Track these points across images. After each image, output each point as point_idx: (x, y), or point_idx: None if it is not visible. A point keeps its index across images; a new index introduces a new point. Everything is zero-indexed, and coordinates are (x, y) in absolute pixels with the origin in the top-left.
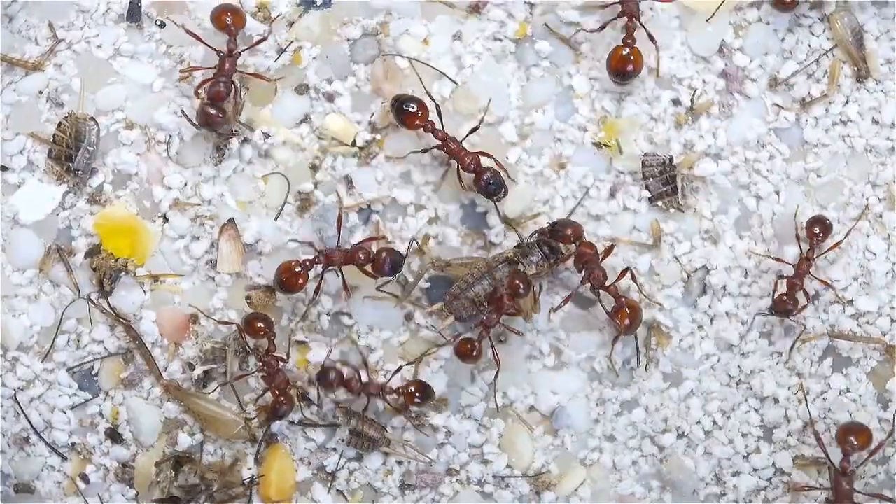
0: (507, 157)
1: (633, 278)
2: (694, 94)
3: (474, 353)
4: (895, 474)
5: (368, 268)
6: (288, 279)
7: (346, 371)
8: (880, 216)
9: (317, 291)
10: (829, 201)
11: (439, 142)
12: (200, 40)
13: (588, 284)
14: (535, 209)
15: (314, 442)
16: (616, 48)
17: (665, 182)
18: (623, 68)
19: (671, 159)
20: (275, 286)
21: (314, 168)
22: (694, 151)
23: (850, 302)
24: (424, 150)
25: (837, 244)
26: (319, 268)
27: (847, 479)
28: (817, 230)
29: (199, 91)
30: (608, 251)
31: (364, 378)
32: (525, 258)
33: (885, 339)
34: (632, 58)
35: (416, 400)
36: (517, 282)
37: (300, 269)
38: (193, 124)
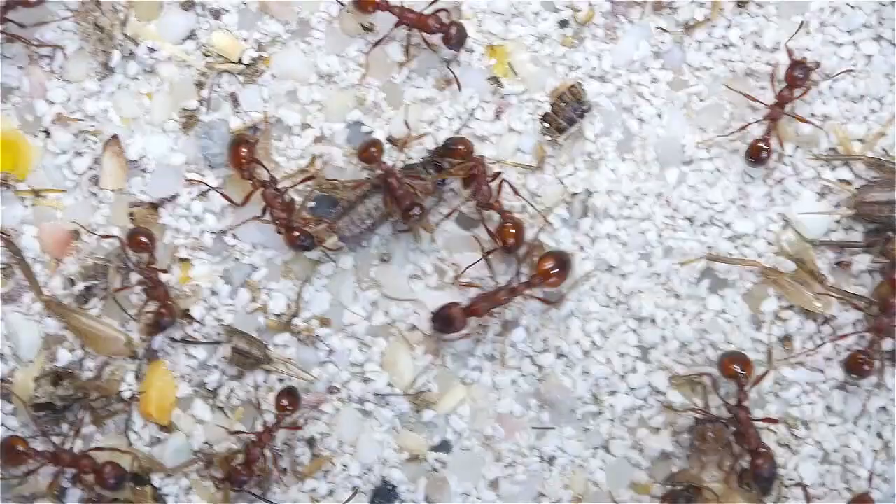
0: (393, 77)
1: (513, 189)
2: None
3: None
4: (767, 393)
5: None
6: None
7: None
8: None
9: None
10: (709, 124)
11: (397, 19)
12: None
13: (474, 202)
14: (420, 130)
15: (195, 359)
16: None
17: (570, 121)
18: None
19: (588, 109)
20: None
21: (199, 85)
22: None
23: (728, 224)
24: (385, 35)
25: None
26: None
27: (746, 410)
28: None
29: None
30: (495, 176)
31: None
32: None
33: (760, 262)
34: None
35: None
36: (410, 203)
37: None
38: None
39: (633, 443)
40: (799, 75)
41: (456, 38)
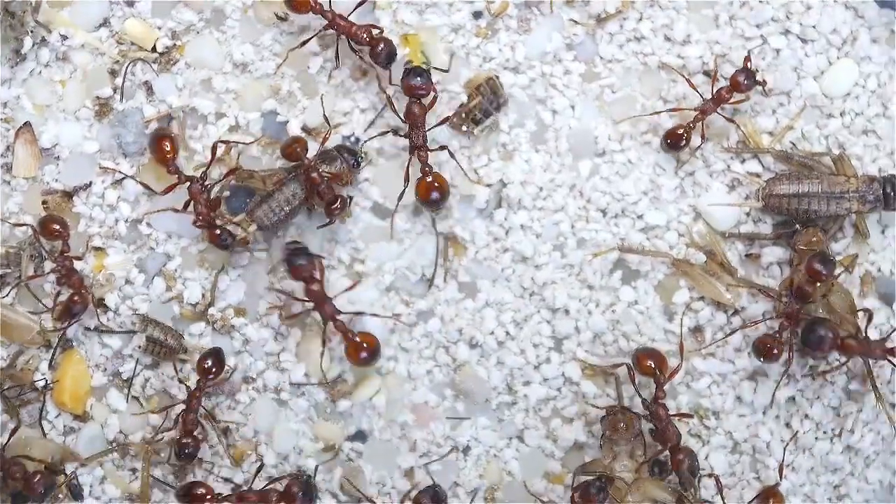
0: (308, 66)
1: (451, 155)
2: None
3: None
4: (678, 384)
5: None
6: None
7: None
8: None
9: None
10: (622, 116)
11: (327, 22)
12: None
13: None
14: (335, 120)
15: (110, 348)
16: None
17: (485, 113)
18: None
19: (505, 102)
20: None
21: (113, 73)
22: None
23: (640, 216)
24: (313, 35)
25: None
26: None
27: (664, 407)
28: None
29: None
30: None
31: None
32: (327, 166)
33: (671, 253)
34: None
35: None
36: (333, 197)
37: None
38: None
39: (547, 433)
40: (743, 81)
41: (383, 56)
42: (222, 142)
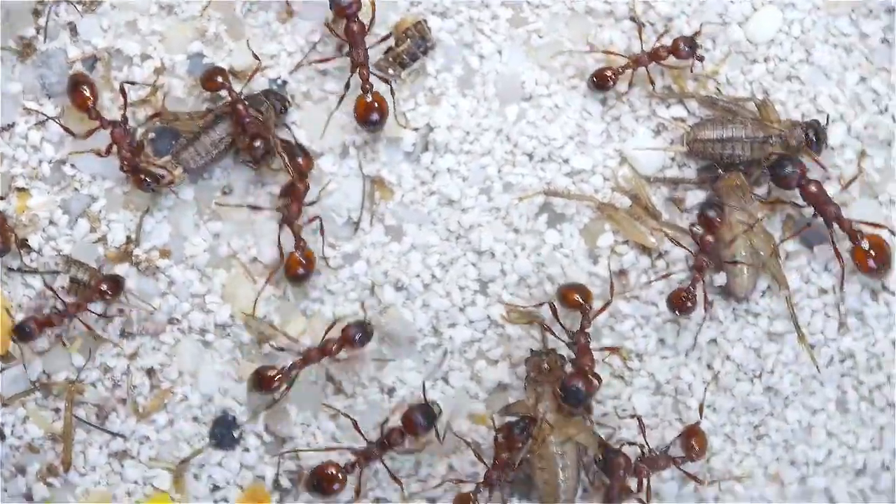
0: (234, 9)
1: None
2: None
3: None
4: (602, 327)
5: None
6: None
7: None
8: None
9: None
10: (549, 61)
11: None
12: None
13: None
14: (262, 63)
15: (33, 289)
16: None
17: (413, 57)
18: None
19: (433, 46)
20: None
21: (37, 13)
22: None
23: (566, 160)
24: None
25: None
26: None
27: (587, 335)
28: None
29: None
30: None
31: None
32: (255, 109)
33: (597, 197)
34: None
35: None
36: (255, 133)
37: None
38: None
39: (472, 374)
40: (684, 49)
41: None
42: (128, 83)
